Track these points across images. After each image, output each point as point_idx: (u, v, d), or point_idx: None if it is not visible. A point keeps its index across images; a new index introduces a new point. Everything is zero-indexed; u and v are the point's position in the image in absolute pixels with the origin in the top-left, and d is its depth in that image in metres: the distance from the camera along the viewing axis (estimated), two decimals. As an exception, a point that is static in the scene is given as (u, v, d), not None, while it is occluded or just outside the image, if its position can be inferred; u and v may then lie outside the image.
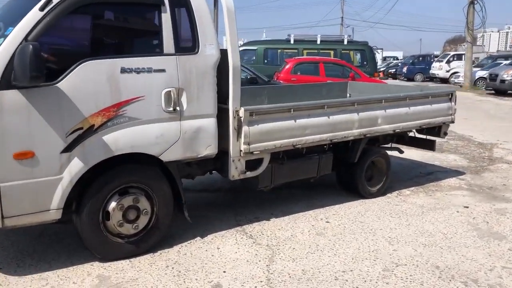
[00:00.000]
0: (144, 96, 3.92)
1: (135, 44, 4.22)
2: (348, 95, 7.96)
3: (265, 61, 17.27)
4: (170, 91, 4.03)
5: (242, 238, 4.58)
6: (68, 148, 3.64)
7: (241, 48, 17.98)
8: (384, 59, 50.05)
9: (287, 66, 14.84)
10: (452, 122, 6.65)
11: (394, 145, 6.78)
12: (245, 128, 4.52)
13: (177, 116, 4.12)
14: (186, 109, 4.16)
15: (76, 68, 3.61)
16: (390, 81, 31.39)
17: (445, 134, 6.73)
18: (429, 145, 6.85)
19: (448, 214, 5.43)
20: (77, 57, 3.66)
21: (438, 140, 6.86)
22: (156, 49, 4.07)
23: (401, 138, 6.85)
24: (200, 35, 4.21)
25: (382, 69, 40.13)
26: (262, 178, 5.02)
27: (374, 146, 6.17)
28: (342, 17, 61.21)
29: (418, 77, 34.31)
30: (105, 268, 3.90)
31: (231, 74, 4.44)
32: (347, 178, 6.01)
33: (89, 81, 3.66)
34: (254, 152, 4.65)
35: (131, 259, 4.06)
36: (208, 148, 4.35)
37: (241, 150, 4.55)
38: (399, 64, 39.43)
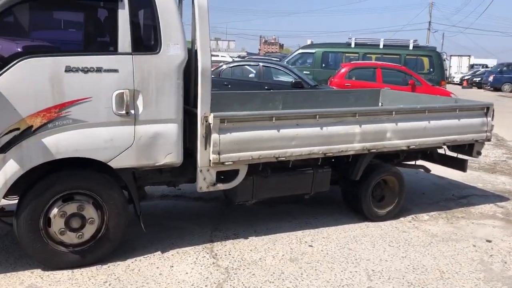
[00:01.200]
0: (91, 98, 3.65)
1: (86, 42, 3.97)
2: (380, 104, 7.25)
3: (323, 65, 16.62)
4: (122, 92, 3.74)
5: (204, 257, 4.18)
6: (3, 149, 3.46)
7: (299, 51, 17.52)
8: (472, 66, 46.79)
9: (342, 71, 14.13)
10: (488, 140, 5.76)
11: (419, 162, 6.04)
12: (214, 136, 4.12)
13: (131, 120, 3.82)
14: (142, 112, 3.85)
15: (14, 66, 3.42)
16: (472, 91, 29.30)
17: (479, 153, 5.85)
18: (460, 165, 6.00)
19: (461, 248, 4.65)
20: (17, 54, 3.47)
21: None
22: (110, 48, 3.79)
23: (429, 155, 6.09)
24: (163, 34, 3.87)
25: (466, 77, 37.55)
26: (240, 191, 4.59)
27: (384, 163, 5.47)
28: (429, 22, 58.36)
29: (506, 87, 31.54)
30: (42, 277, 3.69)
31: (200, 76, 4.06)
32: (351, 196, 5.39)
33: (27, 80, 3.46)
34: (226, 163, 4.23)
35: (74, 270, 3.81)
36: (168, 156, 4.00)
37: (210, 160, 4.16)
38: (486, 72, 36.60)
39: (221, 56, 30.37)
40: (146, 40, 3.90)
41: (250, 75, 12.37)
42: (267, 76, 12.24)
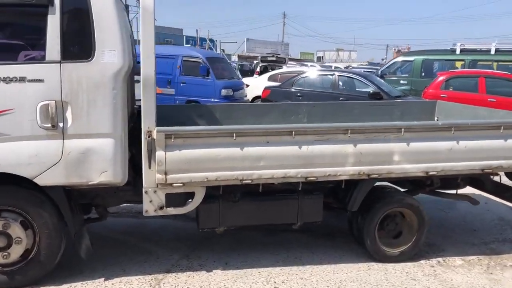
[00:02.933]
0: (14, 109, 3.41)
1: (9, 50, 3.73)
2: (435, 119, 6.11)
3: (423, 73, 15.05)
4: (47, 104, 3.44)
5: (142, 290, 3.70)
6: None
7: (396, 59, 16.14)
8: None
9: (437, 80, 12.62)
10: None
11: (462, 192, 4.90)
12: (159, 153, 3.64)
13: (59, 134, 3.50)
14: (71, 126, 3.51)
15: None
16: None
17: (538, 182, 4.52)
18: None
19: (478, 311, 3.53)
20: None
21: None
22: (37, 56, 3.52)
23: (480, 182, 4.91)
24: (97, 40, 3.51)
25: None
26: (203, 217, 4.05)
27: (395, 192, 4.47)
28: None
29: None
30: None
31: (142, 86, 3.62)
32: (356, 229, 4.48)
33: None
34: (174, 185, 3.71)
35: (0, 292, 3.59)
36: (103, 175, 3.60)
37: (155, 180, 3.69)
38: None
39: (323, 65, 29.36)
40: (78, 47, 3.57)
41: (325, 86, 11.57)
42: (343, 87, 11.36)
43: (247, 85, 14.59)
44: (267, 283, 3.86)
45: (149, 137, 3.61)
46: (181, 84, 12.98)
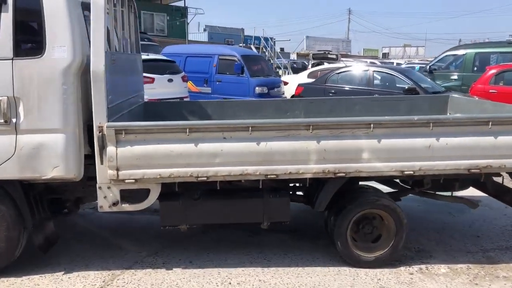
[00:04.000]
0: (-33, 106, 3.53)
1: None
2: (448, 113, 5.68)
3: (475, 68, 14.09)
4: (0, 100, 3.54)
5: (93, 285, 3.69)
6: None
7: (446, 53, 15.26)
8: None
9: (487, 75, 11.80)
10: (556, 167, 3.92)
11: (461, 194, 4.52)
12: (110, 149, 3.62)
13: (11, 129, 3.58)
14: (24, 121, 3.58)
15: None
16: None
17: (540, 186, 4.03)
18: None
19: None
20: None
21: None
22: (-10, 53, 3.61)
23: (480, 183, 4.49)
24: (48, 36, 3.56)
25: None
26: (164, 214, 3.99)
27: (369, 192, 4.16)
28: None
29: None
30: None
31: (92, 82, 3.61)
32: (329, 231, 4.22)
33: None
34: (126, 181, 3.68)
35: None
36: (55, 170, 3.64)
37: (107, 176, 3.68)
38: None
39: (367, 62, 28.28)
40: (30, 43, 3.63)
41: (359, 82, 11.13)
42: (378, 83, 10.88)
43: (286, 83, 14.41)
44: (221, 283, 3.73)
45: (100, 132, 3.60)
46: (217, 83, 13.07)
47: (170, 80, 11.53)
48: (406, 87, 10.12)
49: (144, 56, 12.20)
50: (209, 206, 4.00)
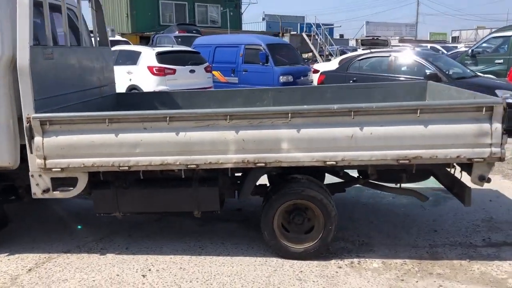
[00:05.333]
0: None
1: None
2: (426, 100, 5.40)
3: (520, 51, 13.10)
4: None
5: (17, 267, 3.94)
6: None
7: (490, 36, 14.29)
8: None
9: (525, 58, 10.97)
10: (498, 159, 3.62)
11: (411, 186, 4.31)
12: (37, 139, 3.83)
13: None
14: None
15: None
16: None
17: (483, 179, 3.74)
18: (460, 193, 4.02)
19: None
20: None
21: None
22: None
23: (436, 175, 4.28)
24: (-24, 31, 3.81)
25: None
26: (97, 202, 4.15)
27: (295, 182, 4.05)
28: None
29: None
30: None
31: (19, 75, 3.82)
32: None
33: None
34: (54, 169, 3.88)
35: None
36: None
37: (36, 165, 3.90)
38: None
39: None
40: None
41: (381, 68, 10.72)
42: (399, 69, 10.42)
43: (317, 71, 14.15)
44: (141, 269, 3.84)
45: (28, 123, 3.81)
46: (244, 72, 13.13)
47: (192, 71, 11.75)
48: (427, 73, 9.63)
49: (167, 48, 12.53)
50: (139, 195, 4.10)
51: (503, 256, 3.98)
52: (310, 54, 29.29)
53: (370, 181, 4.44)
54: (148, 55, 11.58)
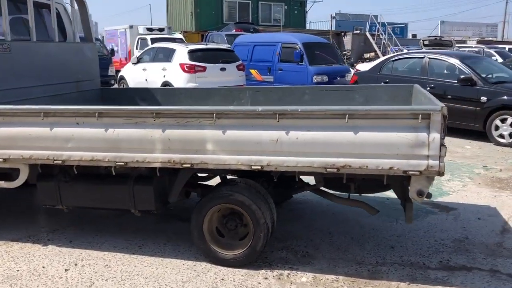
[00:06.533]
0: None
1: None
2: (412, 104, 5.00)
3: None
4: None
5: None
6: None
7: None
8: None
9: None
10: (439, 173, 3.24)
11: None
12: (-18, 130, 3.98)
13: None
14: None
15: None
16: None
17: (421, 194, 3.36)
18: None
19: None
20: None
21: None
22: None
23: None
24: None
25: None
26: (40, 193, 4.23)
27: (224, 186, 3.86)
28: None
29: None
30: None
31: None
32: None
33: None
34: (-7, 160, 4.01)
35: None
36: None
37: (-18, 155, 4.05)
38: None
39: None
40: None
41: (414, 71, 10.11)
42: (433, 71, 9.77)
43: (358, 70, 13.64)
44: (68, 264, 3.86)
45: (-29, 115, 3.96)
46: (279, 71, 12.97)
47: (223, 69, 11.77)
48: (461, 77, 8.96)
49: (200, 46, 12.64)
50: (80, 189, 4.12)
51: (451, 281, 3.56)
52: (373, 54, 28.38)
53: (322, 188, 4.17)
54: (181, 52, 11.76)
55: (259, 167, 3.51)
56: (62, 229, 4.59)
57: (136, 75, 13.19)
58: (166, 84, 11.77)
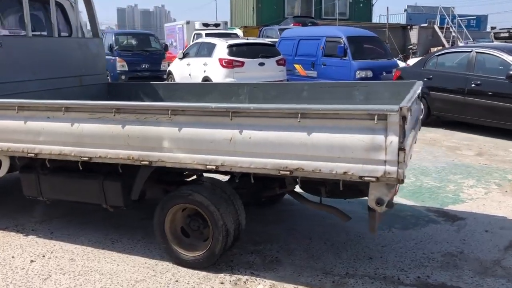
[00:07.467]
0: None
1: None
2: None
3: None
4: None
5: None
6: None
7: None
8: None
9: None
10: (398, 181, 2.93)
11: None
12: (-33, 122, 4.15)
13: None
14: None
15: None
16: None
17: (380, 203, 3.05)
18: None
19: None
20: None
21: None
22: None
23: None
24: None
25: None
26: (24, 184, 4.34)
27: (185, 186, 3.72)
28: None
29: None
30: None
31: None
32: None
33: None
34: (-27, 152, 4.16)
35: None
36: None
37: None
38: None
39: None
40: None
41: (459, 66, 9.38)
42: (481, 67, 9.02)
43: (408, 65, 12.94)
44: (38, 255, 3.93)
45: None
46: (322, 66, 12.63)
47: (261, 64, 11.63)
48: (510, 73, 8.19)
49: (240, 40, 12.58)
50: (56, 182, 4.18)
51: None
52: (440, 48, 26.90)
53: (296, 191, 3.94)
54: (220, 47, 11.76)
55: (214, 167, 3.35)
56: (49, 220, 4.69)
57: (182, 70, 13.38)
58: (206, 79, 11.83)
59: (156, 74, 16.12)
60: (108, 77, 16.49)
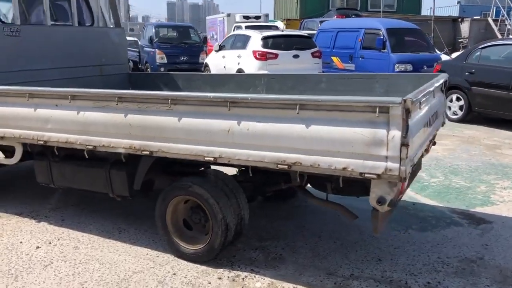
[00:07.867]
0: None
1: None
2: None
3: None
4: None
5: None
6: None
7: None
8: None
9: None
10: (400, 178, 2.72)
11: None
12: (-17, 109, 4.24)
13: None
14: None
15: None
16: None
17: (382, 202, 2.85)
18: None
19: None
20: None
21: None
22: None
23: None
24: None
25: None
26: (37, 171, 4.38)
27: (186, 178, 3.62)
28: None
29: None
30: None
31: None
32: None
33: None
34: (-15, 138, 4.24)
35: None
36: None
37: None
38: None
39: None
40: None
41: (503, 60, 8.84)
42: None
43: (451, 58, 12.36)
44: (45, 242, 3.96)
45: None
46: (360, 59, 12.27)
47: (296, 56, 11.43)
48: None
49: (274, 32, 12.39)
50: (66, 170, 4.20)
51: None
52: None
53: (303, 187, 3.77)
54: (255, 39, 11.63)
55: (212, 159, 3.25)
56: (64, 207, 4.74)
57: (218, 62, 13.37)
58: (240, 71, 11.74)
59: (195, 66, 16.21)
60: (148, 69, 16.75)
